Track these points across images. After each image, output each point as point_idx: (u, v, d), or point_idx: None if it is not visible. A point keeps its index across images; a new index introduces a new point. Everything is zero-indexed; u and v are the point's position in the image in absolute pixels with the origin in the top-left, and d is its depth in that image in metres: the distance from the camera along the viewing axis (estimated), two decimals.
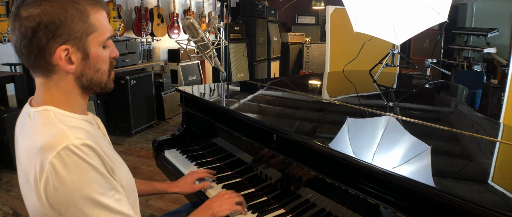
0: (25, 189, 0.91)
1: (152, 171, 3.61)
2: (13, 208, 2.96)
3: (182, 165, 1.80)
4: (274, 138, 1.40)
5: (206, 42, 1.68)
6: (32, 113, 0.92)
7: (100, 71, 0.98)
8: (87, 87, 0.98)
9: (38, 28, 0.85)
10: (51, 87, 0.93)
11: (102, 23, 0.95)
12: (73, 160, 0.82)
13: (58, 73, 0.92)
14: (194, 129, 2.06)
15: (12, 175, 3.53)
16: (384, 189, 1.02)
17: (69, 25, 0.88)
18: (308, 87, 2.58)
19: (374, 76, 2.59)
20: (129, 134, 4.66)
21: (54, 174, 0.80)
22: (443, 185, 0.97)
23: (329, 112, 1.78)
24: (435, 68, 2.70)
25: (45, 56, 0.88)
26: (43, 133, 0.86)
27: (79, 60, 0.92)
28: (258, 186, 1.55)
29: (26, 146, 0.88)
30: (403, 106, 1.94)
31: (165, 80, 5.19)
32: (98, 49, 0.95)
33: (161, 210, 2.87)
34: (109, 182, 0.88)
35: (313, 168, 1.24)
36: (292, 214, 1.34)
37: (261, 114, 1.74)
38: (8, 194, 3.20)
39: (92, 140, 0.87)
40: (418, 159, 1.15)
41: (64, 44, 0.88)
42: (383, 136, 1.37)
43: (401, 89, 2.53)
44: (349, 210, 1.15)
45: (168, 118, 5.34)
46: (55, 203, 0.82)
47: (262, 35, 6.77)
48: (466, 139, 1.36)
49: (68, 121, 0.91)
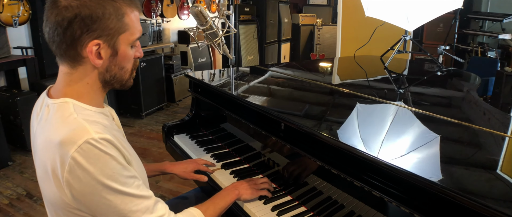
0: (43, 180, 0.95)
1: (162, 153, 3.65)
2: (26, 189, 3.03)
3: (191, 150, 1.83)
4: (282, 127, 1.41)
5: (215, 30, 1.67)
6: (51, 104, 0.95)
7: (124, 69, 1.01)
8: (109, 83, 1.00)
9: (75, 19, 0.87)
10: (74, 79, 0.96)
11: (134, 23, 0.97)
12: (94, 152, 0.85)
13: (85, 65, 0.94)
14: (203, 114, 2.07)
15: (25, 157, 3.60)
16: (388, 183, 1.02)
17: (104, 22, 0.90)
18: (317, 73, 2.56)
19: (385, 62, 2.57)
20: (139, 116, 4.71)
21: (77, 166, 0.84)
22: (450, 175, 0.97)
23: (339, 99, 1.78)
24: (448, 55, 2.66)
25: (76, 48, 0.91)
26: (62, 127, 0.88)
27: (107, 56, 0.95)
28: (265, 172, 1.57)
29: (45, 139, 0.91)
30: (413, 94, 1.92)
31: (175, 63, 5.20)
32: (126, 48, 0.98)
33: (171, 191, 2.92)
34: (129, 171, 0.92)
35: (319, 159, 1.25)
36: (298, 201, 1.37)
37: (269, 101, 1.74)
38: (22, 175, 3.27)
39: (109, 134, 0.90)
40: (426, 149, 1.15)
41: (97, 39, 0.91)
42: (391, 125, 1.37)
43: (412, 76, 2.50)
44: (355, 199, 1.16)
45: (178, 100, 5.38)
46: (79, 195, 0.86)
47: (273, 16, 6.71)
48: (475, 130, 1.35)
49: (86, 114, 0.94)
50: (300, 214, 1.29)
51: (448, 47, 2.67)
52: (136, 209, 0.91)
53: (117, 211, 0.89)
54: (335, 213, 1.23)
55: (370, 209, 1.11)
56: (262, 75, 2.27)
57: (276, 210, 1.31)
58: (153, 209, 0.95)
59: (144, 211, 0.93)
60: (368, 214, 1.12)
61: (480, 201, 0.80)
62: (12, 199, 2.88)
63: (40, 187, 1.03)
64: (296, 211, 1.31)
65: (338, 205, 1.23)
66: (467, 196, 0.83)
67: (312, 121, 1.47)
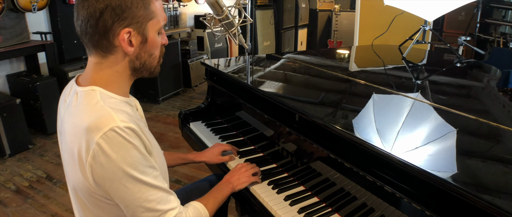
0: (69, 163, 0.99)
1: (178, 138, 3.70)
2: (46, 171, 3.12)
3: (206, 138, 1.85)
4: (296, 118, 1.42)
5: (231, 20, 1.67)
6: (79, 92, 0.99)
7: (153, 56, 1.05)
8: (138, 70, 1.05)
9: (106, 10, 0.92)
10: (104, 68, 1.00)
11: (159, 11, 1.02)
12: (118, 140, 0.89)
13: (116, 54, 0.99)
14: (219, 102, 2.09)
15: (45, 140, 3.69)
16: (401, 178, 1.02)
17: (133, 10, 0.94)
18: (334, 62, 2.54)
19: (404, 52, 2.53)
20: (156, 101, 4.76)
21: (100, 152, 0.88)
22: (465, 172, 0.97)
23: (355, 90, 1.77)
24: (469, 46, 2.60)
25: (109, 37, 0.95)
26: (90, 114, 0.92)
27: (138, 43, 0.99)
28: (279, 162, 1.58)
29: (73, 124, 0.95)
30: (431, 86, 1.90)
31: (192, 48, 5.22)
32: (154, 35, 1.02)
33: (186, 176, 2.97)
34: (149, 161, 0.96)
35: (333, 151, 1.25)
36: (311, 192, 1.38)
37: (285, 92, 1.75)
38: (42, 158, 3.36)
39: (133, 123, 0.94)
40: (442, 143, 1.14)
41: (128, 27, 0.95)
42: (407, 117, 1.36)
43: (430, 68, 2.46)
44: (367, 191, 1.16)
45: (194, 85, 5.41)
46: (100, 179, 0.91)
47: (290, 1, 6.64)
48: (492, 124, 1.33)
49: (112, 102, 0.98)
50: (312, 205, 1.31)
51: (469, 37, 2.60)
52: (151, 199, 0.96)
53: (134, 199, 0.94)
54: (347, 205, 1.24)
55: (382, 202, 1.11)
56: (278, 64, 2.26)
57: (289, 199, 1.33)
58: (167, 200, 1.00)
59: (158, 202, 0.97)
60: (380, 207, 1.12)
61: (493, 202, 0.79)
62: (32, 181, 2.97)
63: (64, 171, 1.08)
64: (308, 202, 1.33)
65: (351, 197, 1.23)
66: (479, 196, 0.82)
67: (327, 112, 1.47)
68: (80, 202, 1.04)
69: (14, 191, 2.82)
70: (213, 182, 1.65)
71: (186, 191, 1.58)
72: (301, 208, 1.28)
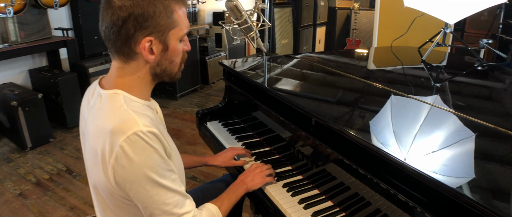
0: (91, 163, 1.03)
1: (195, 135, 3.74)
2: (66, 165, 3.19)
3: (223, 137, 1.87)
4: (312, 122, 1.42)
5: (250, 24, 1.68)
6: (103, 94, 1.03)
7: (174, 63, 1.08)
8: (158, 76, 1.08)
9: (129, 18, 0.94)
10: (126, 73, 1.03)
11: (182, 19, 1.03)
12: (141, 144, 0.92)
13: (137, 60, 1.02)
14: (236, 102, 2.11)
15: (65, 134, 3.78)
16: (416, 188, 1.02)
17: (156, 19, 0.97)
18: (352, 64, 2.53)
19: (423, 54, 2.50)
20: (174, 97, 4.82)
21: (123, 155, 0.91)
22: (483, 181, 0.96)
23: (373, 94, 1.76)
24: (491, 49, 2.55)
25: (130, 45, 0.98)
26: (114, 117, 0.96)
27: (159, 51, 1.02)
28: (294, 164, 1.59)
29: (97, 126, 0.98)
30: (450, 90, 1.87)
31: (210, 45, 5.25)
32: (176, 43, 1.04)
33: (202, 173, 3.00)
34: (168, 164, 1.00)
35: (347, 157, 1.26)
36: (325, 196, 1.38)
37: (301, 95, 1.75)
38: (62, 152, 3.44)
39: (155, 127, 0.97)
40: (459, 149, 1.13)
41: (149, 36, 0.97)
42: (424, 122, 1.35)
43: (450, 71, 2.43)
44: (382, 197, 1.16)
45: (212, 82, 5.44)
46: (121, 180, 0.94)
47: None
48: None
49: (135, 106, 1.01)
50: (326, 209, 1.31)
51: (491, 40, 2.54)
52: (169, 202, 0.99)
53: (152, 201, 0.97)
54: (361, 210, 1.24)
55: (396, 209, 1.11)
56: (295, 65, 2.26)
57: (303, 203, 1.33)
58: (183, 204, 1.03)
59: (175, 205, 1.00)
60: (394, 214, 1.12)
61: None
62: (53, 174, 3.04)
63: (86, 170, 1.12)
64: (322, 205, 1.33)
65: (365, 202, 1.23)
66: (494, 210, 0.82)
67: (343, 116, 1.47)
68: (100, 200, 1.07)
69: (34, 183, 2.89)
70: (229, 182, 1.67)
71: (202, 190, 1.61)
72: (315, 212, 1.29)
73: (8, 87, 3.55)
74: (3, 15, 3.29)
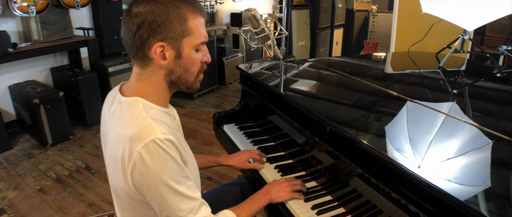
0: (112, 167, 1.07)
1: (211, 135, 3.77)
2: (85, 162, 3.27)
3: (238, 140, 1.90)
4: (326, 130, 1.44)
5: (267, 33, 1.71)
6: (123, 101, 1.07)
7: (189, 71, 1.10)
8: (174, 84, 1.10)
9: (143, 24, 0.99)
10: (144, 79, 1.07)
11: (198, 28, 1.06)
12: (158, 151, 0.95)
13: (152, 66, 1.05)
14: (252, 105, 2.13)
15: (85, 132, 3.86)
16: (427, 199, 1.03)
17: (168, 25, 1.00)
18: (369, 70, 2.53)
19: (441, 60, 2.49)
20: (191, 98, 4.88)
21: (141, 161, 0.95)
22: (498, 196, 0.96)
23: (388, 102, 1.76)
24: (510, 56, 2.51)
25: (144, 49, 1.02)
26: (133, 124, 1.00)
27: (172, 57, 1.05)
28: (308, 169, 1.61)
29: (117, 132, 1.02)
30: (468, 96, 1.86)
31: (227, 46, 5.29)
32: (190, 51, 1.06)
33: (217, 173, 3.03)
34: (184, 171, 1.02)
35: (360, 166, 1.27)
36: (338, 202, 1.40)
37: (317, 102, 1.76)
38: (81, 149, 3.52)
39: (172, 134, 1.00)
40: (474, 164, 1.13)
41: (161, 41, 1.01)
42: (439, 131, 1.35)
43: (468, 77, 2.41)
44: (394, 205, 1.17)
45: (229, 83, 5.49)
46: (138, 185, 0.98)
47: (327, 1, 6.58)
48: None
49: (152, 112, 1.05)
50: (338, 215, 1.33)
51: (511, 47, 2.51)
52: (183, 208, 1.02)
53: (168, 207, 1.00)
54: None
55: None
56: (311, 70, 2.28)
57: (316, 208, 1.35)
58: (198, 210, 1.05)
59: (189, 211, 1.03)
60: None
61: None
62: (72, 171, 3.12)
63: (108, 174, 1.16)
64: (335, 212, 1.35)
65: (377, 210, 1.24)
66: None
67: (358, 124, 1.48)
68: (120, 202, 1.12)
69: (54, 179, 2.97)
70: (244, 185, 1.70)
71: (218, 192, 1.64)
72: None
73: (31, 85, 3.65)
74: (26, 15, 3.39)
